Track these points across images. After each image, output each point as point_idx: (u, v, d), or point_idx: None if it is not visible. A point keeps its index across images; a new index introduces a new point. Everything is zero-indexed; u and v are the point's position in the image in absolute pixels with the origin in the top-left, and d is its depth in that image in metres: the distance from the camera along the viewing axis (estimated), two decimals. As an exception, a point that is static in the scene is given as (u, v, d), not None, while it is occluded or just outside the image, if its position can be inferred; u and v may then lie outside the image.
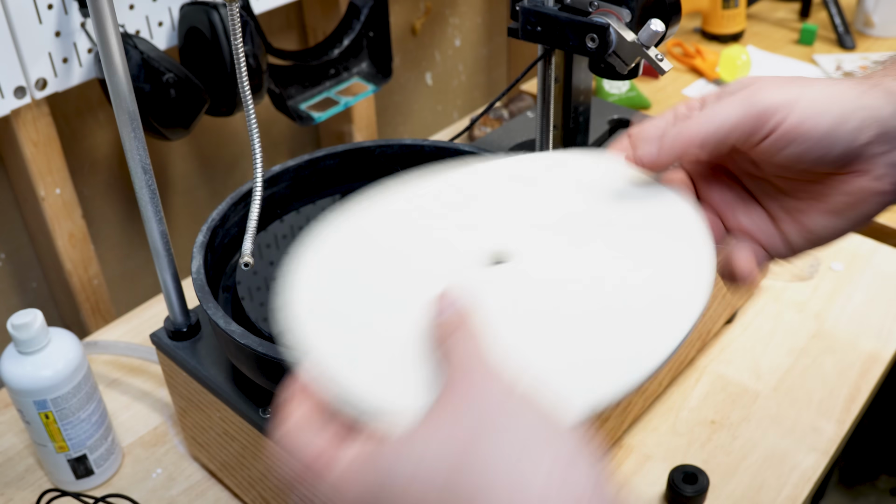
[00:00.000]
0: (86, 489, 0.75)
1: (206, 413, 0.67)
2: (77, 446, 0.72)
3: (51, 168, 0.92)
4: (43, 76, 0.87)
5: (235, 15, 0.55)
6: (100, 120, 1.03)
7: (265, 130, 1.22)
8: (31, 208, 0.96)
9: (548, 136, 0.77)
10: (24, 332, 0.67)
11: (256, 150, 0.61)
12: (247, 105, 0.59)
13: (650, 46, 0.62)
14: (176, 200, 1.16)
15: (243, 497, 0.72)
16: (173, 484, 0.76)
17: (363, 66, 1.17)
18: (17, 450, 0.80)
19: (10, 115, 0.87)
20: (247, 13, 0.97)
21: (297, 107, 1.09)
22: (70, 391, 0.69)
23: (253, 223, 0.57)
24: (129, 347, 0.85)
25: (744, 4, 1.46)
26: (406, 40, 1.40)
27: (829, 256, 0.99)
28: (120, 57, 0.54)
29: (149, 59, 0.88)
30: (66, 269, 0.98)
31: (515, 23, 0.69)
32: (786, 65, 1.39)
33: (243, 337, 0.56)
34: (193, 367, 0.65)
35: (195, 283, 0.62)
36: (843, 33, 1.43)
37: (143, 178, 0.59)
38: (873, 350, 0.88)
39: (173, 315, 0.67)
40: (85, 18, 0.88)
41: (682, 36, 1.50)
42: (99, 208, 1.07)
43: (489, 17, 1.56)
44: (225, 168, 1.21)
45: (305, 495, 0.37)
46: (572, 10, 0.66)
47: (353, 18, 1.13)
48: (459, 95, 1.57)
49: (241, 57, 0.57)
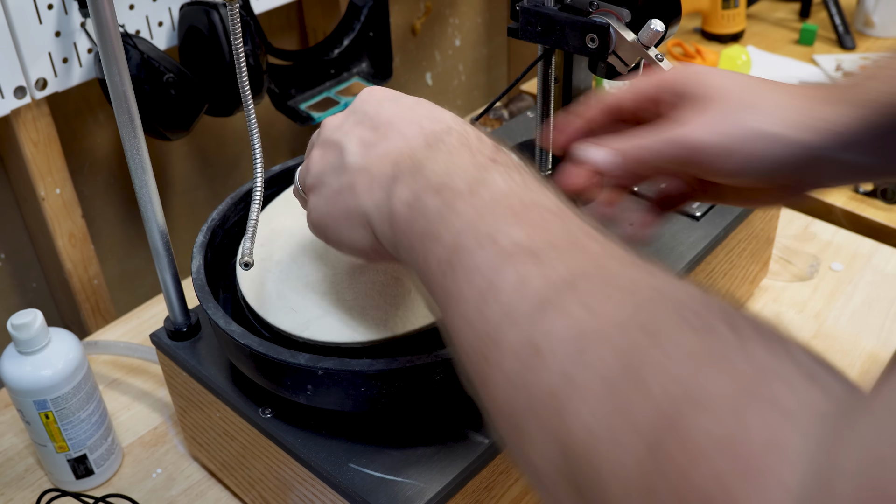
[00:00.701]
0: (86, 489, 0.75)
1: (206, 413, 0.67)
2: (77, 446, 0.72)
3: (51, 168, 0.92)
4: (43, 76, 0.87)
5: (235, 15, 0.55)
6: (100, 120, 1.03)
7: (265, 130, 1.22)
8: (31, 208, 0.96)
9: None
10: (24, 332, 0.67)
11: (256, 150, 0.61)
12: (247, 105, 0.59)
13: (650, 46, 0.62)
14: (176, 200, 1.16)
15: (243, 497, 0.72)
16: (173, 484, 0.76)
17: (363, 66, 1.17)
18: (17, 450, 0.80)
19: (10, 115, 0.87)
20: (247, 13, 0.97)
21: (297, 107, 1.09)
22: (70, 391, 0.69)
23: (253, 223, 0.57)
24: (129, 347, 0.85)
25: (744, 4, 1.46)
26: (406, 40, 1.40)
27: (829, 256, 0.99)
28: (120, 57, 0.54)
29: (149, 59, 0.88)
30: (66, 269, 0.98)
31: (515, 23, 0.69)
32: (786, 65, 1.39)
33: (243, 337, 0.56)
34: (193, 367, 0.65)
35: (195, 283, 0.62)
36: (843, 33, 1.43)
37: (143, 178, 0.59)
38: (873, 350, 0.88)
39: (173, 315, 0.67)
40: (85, 18, 0.88)
41: (682, 36, 1.50)
42: (99, 208, 1.07)
43: (489, 17, 1.56)
44: (225, 168, 1.21)
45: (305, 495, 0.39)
46: (572, 10, 0.66)
47: (353, 18, 1.13)
48: (459, 95, 1.57)
49: (241, 57, 0.57)
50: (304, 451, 0.57)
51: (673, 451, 0.28)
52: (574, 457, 0.31)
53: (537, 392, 0.33)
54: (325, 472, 0.56)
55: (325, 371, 0.54)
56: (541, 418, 0.33)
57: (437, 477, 0.55)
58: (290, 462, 0.59)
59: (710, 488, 0.26)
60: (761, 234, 0.88)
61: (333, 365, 0.54)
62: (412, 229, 0.43)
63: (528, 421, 0.34)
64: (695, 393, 0.28)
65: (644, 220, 0.59)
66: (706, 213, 0.80)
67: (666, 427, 0.28)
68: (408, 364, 0.54)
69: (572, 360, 0.32)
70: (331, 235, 0.51)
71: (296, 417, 0.60)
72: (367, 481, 0.55)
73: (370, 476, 0.56)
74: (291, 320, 0.59)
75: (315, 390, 0.56)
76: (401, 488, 0.55)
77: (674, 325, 0.31)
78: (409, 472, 0.56)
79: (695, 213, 0.79)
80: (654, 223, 0.59)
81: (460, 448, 0.57)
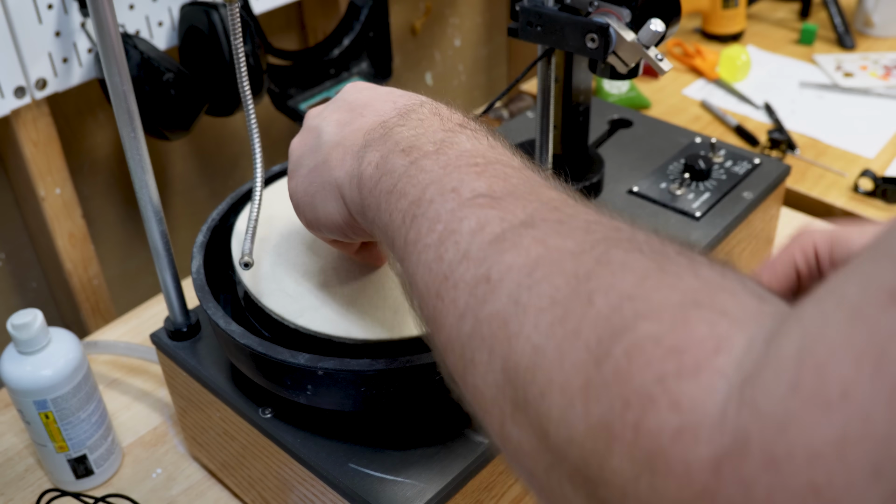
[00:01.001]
0: (86, 489, 0.75)
1: (206, 413, 0.67)
2: (77, 446, 0.72)
3: (51, 168, 0.92)
4: (43, 76, 0.87)
5: (235, 15, 0.55)
6: (100, 120, 1.03)
7: (265, 130, 1.22)
8: (31, 208, 0.96)
9: (548, 136, 0.77)
10: (24, 332, 0.67)
11: (256, 150, 0.61)
12: (247, 105, 0.59)
13: (650, 46, 0.62)
14: (176, 200, 1.16)
15: (243, 497, 0.72)
16: (173, 484, 0.76)
17: (363, 66, 1.17)
18: (17, 450, 0.80)
19: (10, 115, 0.87)
20: (247, 13, 0.97)
21: (297, 107, 1.09)
22: (70, 391, 0.69)
23: (253, 223, 0.57)
24: (129, 347, 0.85)
25: (744, 4, 1.46)
26: (406, 40, 1.40)
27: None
28: (120, 57, 0.54)
29: (149, 59, 0.88)
30: (66, 269, 0.98)
31: (515, 23, 0.69)
32: (786, 65, 1.39)
33: (243, 337, 0.56)
34: (193, 367, 0.65)
35: (195, 283, 0.62)
36: (843, 33, 1.43)
37: (143, 178, 0.59)
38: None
39: (173, 315, 0.67)
40: (85, 18, 0.88)
41: (682, 36, 1.50)
42: (99, 208, 1.07)
43: (489, 17, 1.56)
44: (225, 168, 1.21)
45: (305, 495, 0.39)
46: (572, 10, 0.66)
47: (353, 18, 1.13)
48: (459, 95, 1.57)
49: (241, 57, 0.57)
50: (304, 451, 0.57)
51: (618, 358, 0.28)
52: (517, 373, 0.32)
53: (486, 316, 0.34)
54: (325, 472, 0.56)
55: (326, 371, 0.54)
56: (487, 341, 0.33)
57: (437, 477, 0.55)
58: (290, 462, 0.59)
59: (653, 388, 0.27)
60: (761, 235, 0.88)
61: (333, 365, 0.54)
62: (379, 188, 0.44)
63: (475, 346, 0.34)
64: (642, 305, 0.29)
65: None
66: (706, 213, 0.80)
67: (612, 336, 0.29)
68: (408, 364, 0.54)
69: (522, 284, 0.33)
70: (308, 214, 0.53)
71: (296, 417, 0.60)
72: (367, 481, 0.55)
73: (370, 476, 0.55)
74: (286, 306, 0.59)
75: (315, 390, 0.56)
76: (401, 488, 0.55)
77: (626, 253, 0.32)
78: (409, 472, 0.56)
79: (695, 214, 0.79)
80: None
81: (460, 448, 0.57)
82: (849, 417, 0.22)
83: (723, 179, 0.84)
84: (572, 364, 0.29)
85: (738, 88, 1.33)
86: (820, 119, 1.25)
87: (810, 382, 0.23)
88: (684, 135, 0.92)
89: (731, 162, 0.87)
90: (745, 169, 0.86)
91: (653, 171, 0.86)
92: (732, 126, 1.23)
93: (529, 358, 0.31)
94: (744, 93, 1.31)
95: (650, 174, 0.85)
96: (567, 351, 0.30)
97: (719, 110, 1.27)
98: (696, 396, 0.26)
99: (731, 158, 0.87)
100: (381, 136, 0.46)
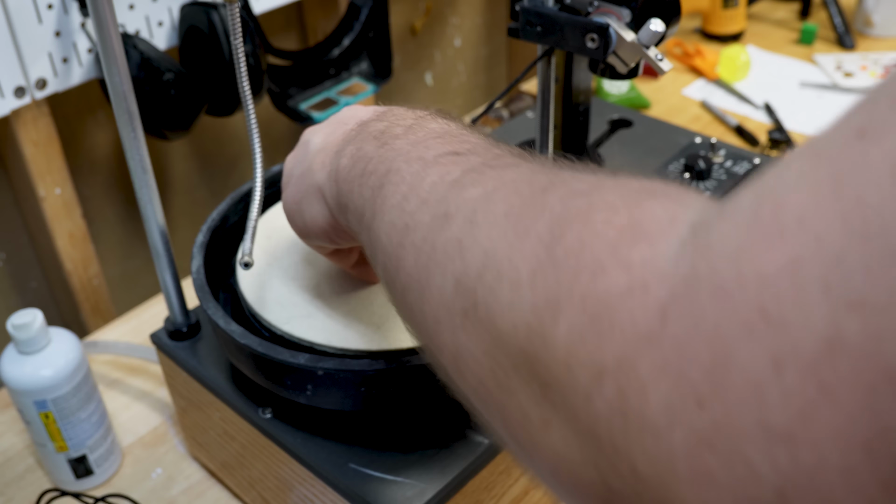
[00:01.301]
0: (86, 489, 0.75)
1: (206, 413, 0.67)
2: (77, 446, 0.72)
3: (51, 168, 0.92)
4: (43, 76, 0.87)
5: (235, 15, 0.55)
6: (100, 120, 1.03)
7: (265, 130, 1.22)
8: (31, 208, 0.96)
9: (548, 136, 0.77)
10: (24, 332, 0.67)
11: (256, 150, 0.61)
12: (247, 105, 0.59)
13: (650, 46, 0.62)
14: (176, 200, 1.16)
15: (243, 497, 0.72)
16: (173, 484, 0.76)
17: (363, 66, 1.17)
18: (17, 450, 0.80)
19: (10, 115, 0.87)
20: (247, 13, 0.97)
21: (297, 107, 1.09)
22: (70, 391, 0.69)
23: (253, 223, 0.57)
24: (129, 347, 0.85)
25: (744, 4, 1.46)
26: (406, 40, 1.40)
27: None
28: (120, 57, 0.54)
29: (149, 59, 0.88)
30: (66, 269, 0.98)
31: (515, 23, 0.69)
32: (786, 65, 1.39)
33: (243, 337, 0.56)
34: (193, 367, 0.65)
35: (195, 283, 0.62)
36: (843, 33, 1.43)
37: (143, 178, 0.59)
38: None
39: (173, 315, 0.67)
40: (85, 18, 0.88)
41: (682, 36, 1.50)
42: (99, 208, 1.07)
43: (489, 17, 1.56)
44: (225, 168, 1.21)
45: (305, 495, 0.39)
46: (572, 10, 0.66)
47: (353, 18, 1.13)
48: (459, 95, 1.57)
49: (241, 57, 0.57)
50: (304, 451, 0.57)
51: (570, 241, 0.28)
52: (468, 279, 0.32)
53: (441, 243, 0.34)
54: (325, 473, 0.56)
55: (325, 371, 0.54)
56: (441, 264, 0.34)
57: (437, 477, 0.55)
58: (290, 462, 0.59)
59: (605, 258, 0.27)
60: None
61: (333, 365, 0.54)
62: (352, 174, 0.45)
63: (431, 273, 0.35)
64: (596, 200, 0.30)
65: None
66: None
67: (565, 224, 0.29)
68: (408, 364, 0.54)
69: (478, 208, 0.34)
70: (297, 221, 0.53)
71: (296, 417, 0.60)
72: (367, 481, 0.55)
73: (370, 476, 0.56)
74: (276, 312, 0.60)
75: (315, 390, 0.56)
76: (401, 488, 0.55)
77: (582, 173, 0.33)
78: (409, 472, 0.56)
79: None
80: None
81: (460, 448, 0.57)
82: (803, 241, 0.21)
83: (723, 179, 0.84)
84: (522, 255, 0.30)
85: (738, 88, 1.33)
86: (820, 119, 1.25)
87: (767, 215, 0.23)
88: (684, 135, 0.92)
89: (731, 162, 0.87)
90: (746, 169, 0.86)
91: (653, 171, 0.86)
92: (732, 126, 1.23)
93: (480, 261, 0.32)
94: (744, 93, 1.31)
95: (650, 174, 0.85)
96: (518, 246, 0.30)
97: (719, 110, 1.27)
98: (648, 257, 0.26)
99: (731, 158, 0.87)
100: (357, 133, 0.48)
